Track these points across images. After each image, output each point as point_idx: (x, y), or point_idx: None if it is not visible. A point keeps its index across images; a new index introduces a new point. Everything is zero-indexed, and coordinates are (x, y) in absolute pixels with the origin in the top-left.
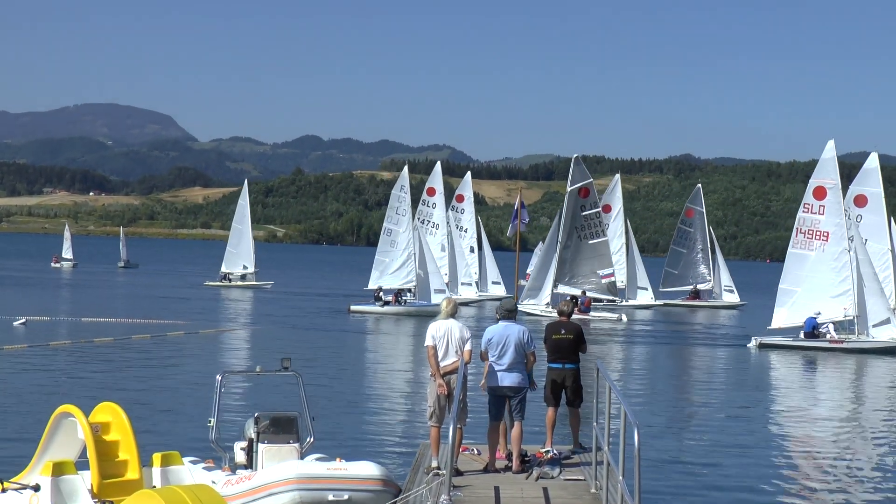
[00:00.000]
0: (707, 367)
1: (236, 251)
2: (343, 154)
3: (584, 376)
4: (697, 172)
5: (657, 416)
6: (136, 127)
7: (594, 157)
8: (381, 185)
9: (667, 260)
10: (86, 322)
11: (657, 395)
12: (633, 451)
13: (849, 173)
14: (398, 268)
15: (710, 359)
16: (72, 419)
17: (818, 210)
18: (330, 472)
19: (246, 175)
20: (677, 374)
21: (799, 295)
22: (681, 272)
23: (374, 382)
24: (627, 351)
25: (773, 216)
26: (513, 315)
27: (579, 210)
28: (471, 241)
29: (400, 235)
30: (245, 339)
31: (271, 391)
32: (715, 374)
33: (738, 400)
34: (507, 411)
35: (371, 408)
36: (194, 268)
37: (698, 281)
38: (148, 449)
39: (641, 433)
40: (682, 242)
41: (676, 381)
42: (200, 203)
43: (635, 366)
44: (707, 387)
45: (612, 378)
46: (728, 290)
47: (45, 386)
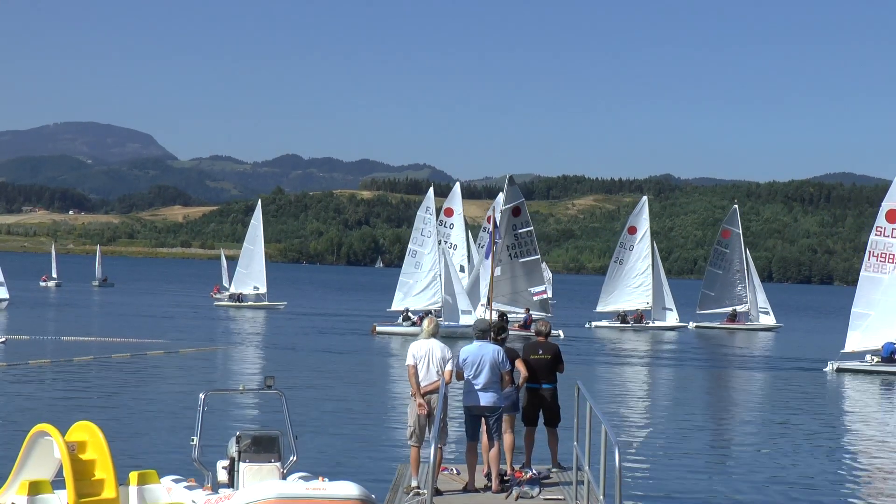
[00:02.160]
0: (788, 391)
1: (247, 271)
2: (323, 173)
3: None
4: (677, 192)
5: (743, 445)
6: (117, 145)
7: (574, 176)
8: (361, 205)
9: (703, 282)
10: (69, 341)
11: (749, 422)
12: (613, 471)
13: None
14: (423, 289)
15: (787, 382)
16: (48, 438)
17: (891, 233)
18: (309, 491)
19: (226, 194)
20: (757, 399)
21: (872, 318)
22: (717, 294)
23: (362, 401)
24: (680, 373)
25: (753, 236)
26: (487, 335)
27: (511, 229)
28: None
29: (425, 257)
30: (272, 358)
31: (256, 410)
32: (804, 400)
33: (822, 425)
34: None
35: (356, 427)
36: (175, 286)
37: (735, 302)
38: (131, 467)
39: (621, 454)
40: (719, 263)
41: (755, 406)
42: (180, 222)
43: (705, 392)
44: (791, 411)
45: (591, 397)
46: (763, 311)
47: (22, 405)
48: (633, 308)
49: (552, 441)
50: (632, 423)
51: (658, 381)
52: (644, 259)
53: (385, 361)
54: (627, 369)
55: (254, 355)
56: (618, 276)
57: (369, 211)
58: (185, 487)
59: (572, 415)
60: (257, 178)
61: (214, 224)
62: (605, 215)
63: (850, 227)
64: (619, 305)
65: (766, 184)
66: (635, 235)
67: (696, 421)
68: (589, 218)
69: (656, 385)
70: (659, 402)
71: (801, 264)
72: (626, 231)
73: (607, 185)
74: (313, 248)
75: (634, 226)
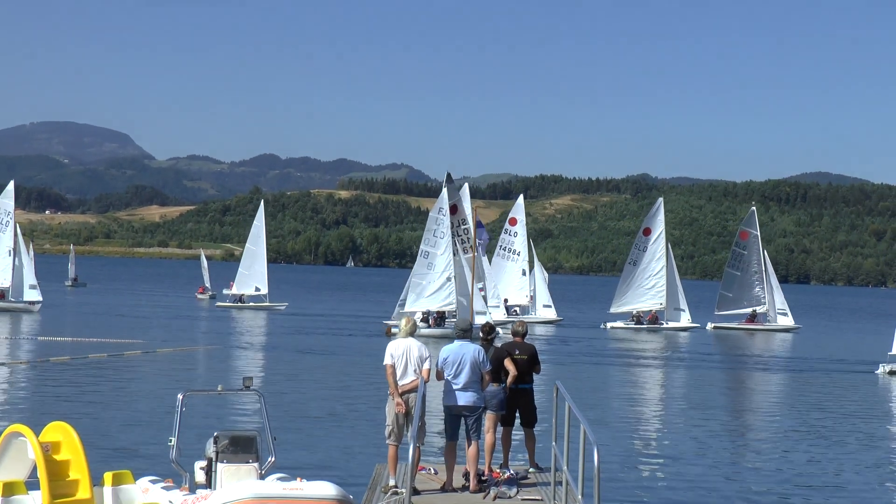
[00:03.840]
0: (841, 394)
1: (249, 272)
2: (301, 173)
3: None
4: (655, 192)
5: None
6: (93, 145)
7: (552, 176)
8: (338, 204)
9: (721, 283)
10: (44, 341)
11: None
12: (592, 471)
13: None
14: (436, 290)
15: (839, 385)
16: (22, 439)
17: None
18: (286, 491)
19: (203, 194)
20: (814, 403)
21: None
22: (736, 295)
23: (341, 401)
24: (706, 376)
25: (730, 235)
26: (468, 334)
27: (450, 227)
28: (523, 263)
29: (438, 258)
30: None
31: (235, 410)
32: (859, 403)
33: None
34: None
35: (335, 427)
36: (151, 286)
37: (754, 303)
38: (107, 468)
39: (602, 454)
40: (737, 265)
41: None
42: (158, 222)
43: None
44: (842, 414)
45: (570, 397)
46: (781, 312)
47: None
48: (647, 309)
49: (529, 441)
50: (626, 424)
51: (672, 383)
52: (658, 260)
53: (364, 361)
54: (641, 371)
55: (235, 356)
56: (632, 277)
57: (347, 211)
58: (163, 488)
59: (551, 415)
60: (235, 178)
61: (192, 224)
62: (582, 215)
63: (826, 226)
64: (633, 306)
65: (743, 183)
66: (650, 237)
67: (712, 425)
68: (566, 217)
69: (669, 387)
70: (666, 404)
71: (777, 264)
72: (640, 232)
73: (585, 184)
74: (291, 247)
75: (649, 227)
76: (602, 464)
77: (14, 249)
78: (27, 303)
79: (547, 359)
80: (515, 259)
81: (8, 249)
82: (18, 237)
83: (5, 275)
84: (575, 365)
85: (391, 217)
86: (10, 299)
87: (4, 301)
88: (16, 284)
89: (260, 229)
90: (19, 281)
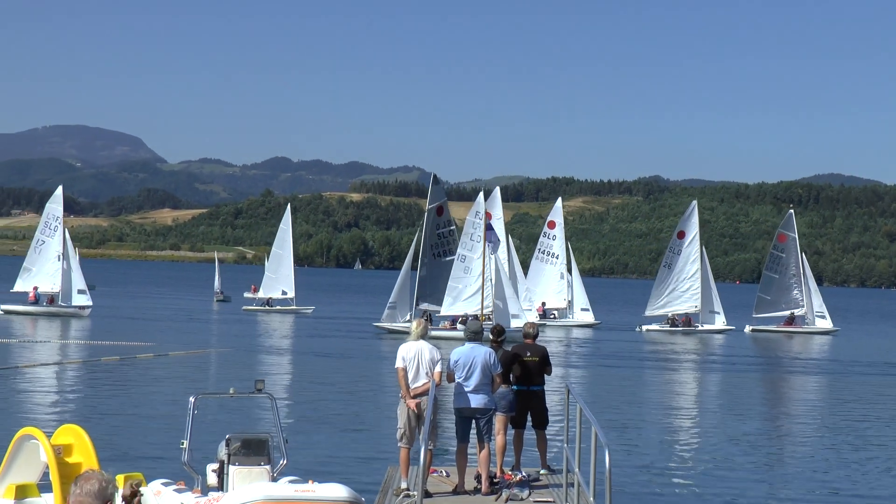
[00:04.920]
0: (881, 397)
1: (275, 276)
2: (313, 176)
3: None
4: (667, 194)
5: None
6: (106, 149)
7: (564, 178)
8: (350, 207)
9: (759, 286)
10: (58, 344)
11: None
12: (604, 473)
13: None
14: (473, 294)
15: (879, 388)
16: (34, 441)
17: None
18: (298, 493)
19: (215, 197)
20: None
21: None
22: (774, 297)
23: (353, 404)
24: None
25: (742, 238)
26: (479, 337)
27: (434, 228)
28: (561, 267)
29: (474, 262)
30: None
31: (247, 413)
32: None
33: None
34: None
35: (347, 429)
36: (165, 289)
37: (792, 306)
38: (119, 471)
39: (618, 457)
40: (775, 268)
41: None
42: (170, 225)
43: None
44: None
45: (581, 399)
46: (820, 315)
47: (8, 408)
48: (682, 312)
49: (541, 443)
50: (649, 426)
51: (703, 386)
52: (692, 263)
53: (377, 364)
54: (674, 374)
55: (250, 359)
56: (667, 280)
57: (359, 213)
58: (175, 490)
59: (564, 417)
60: (246, 181)
61: (204, 227)
62: (594, 217)
63: (839, 228)
64: (668, 309)
65: (756, 185)
66: (684, 240)
67: (739, 428)
68: (578, 220)
69: (700, 390)
70: (693, 408)
71: None
72: (675, 236)
73: (596, 186)
74: (303, 250)
75: (683, 230)
76: (616, 466)
77: (63, 254)
78: (77, 307)
79: (584, 363)
80: (554, 262)
81: (57, 254)
82: (67, 242)
83: (55, 279)
84: (609, 368)
85: (403, 220)
86: (59, 304)
87: (54, 306)
88: (65, 289)
89: (286, 233)
90: (68, 285)
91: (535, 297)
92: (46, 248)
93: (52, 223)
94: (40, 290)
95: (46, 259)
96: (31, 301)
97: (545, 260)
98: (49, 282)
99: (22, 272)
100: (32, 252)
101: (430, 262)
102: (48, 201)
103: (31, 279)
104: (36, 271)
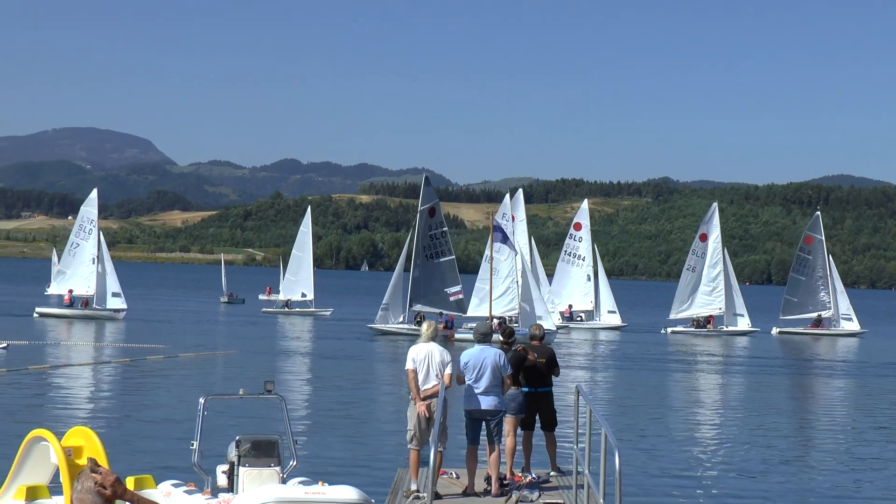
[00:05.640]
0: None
1: (295, 278)
2: (322, 178)
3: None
4: (676, 195)
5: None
6: (115, 151)
7: (573, 179)
8: (359, 209)
9: (786, 288)
10: (68, 346)
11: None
12: (614, 475)
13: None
14: (500, 295)
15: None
16: (44, 443)
17: None
18: (308, 495)
19: (224, 199)
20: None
21: None
22: (801, 299)
23: (363, 405)
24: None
25: (752, 239)
26: (488, 338)
27: (427, 230)
28: (587, 269)
29: (502, 263)
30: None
31: (256, 414)
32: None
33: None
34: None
35: (356, 431)
36: (174, 291)
37: (819, 308)
38: (129, 473)
39: (631, 459)
40: (801, 270)
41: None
42: (179, 227)
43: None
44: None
45: (590, 400)
46: (846, 317)
47: (19, 410)
48: (707, 314)
49: (550, 445)
50: (666, 428)
51: (724, 388)
52: (716, 265)
53: (386, 365)
54: (697, 375)
55: (260, 360)
56: (691, 283)
57: (368, 215)
58: (185, 492)
59: (573, 418)
60: (256, 183)
61: (213, 229)
62: (603, 218)
63: (848, 229)
64: (692, 311)
65: (765, 186)
66: (706, 242)
67: (757, 430)
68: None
69: (720, 391)
70: (711, 409)
71: None
72: (697, 238)
73: (606, 188)
74: (312, 252)
75: (706, 233)
76: (627, 468)
77: (97, 257)
78: (112, 310)
79: (612, 364)
80: (580, 264)
81: (92, 257)
82: (102, 245)
83: (90, 282)
84: (633, 370)
85: (412, 221)
86: (94, 307)
87: (89, 308)
88: (100, 292)
89: (306, 235)
90: (103, 288)
91: (561, 299)
92: (81, 250)
93: (87, 226)
94: (75, 294)
95: (81, 262)
96: (67, 304)
97: (571, 262)
98: (83, 285)
99: (56, 275)
100: (67, 255)
101: (422, 264)
102: (83, 204)
103: (65, 282)
104: (70, 274)
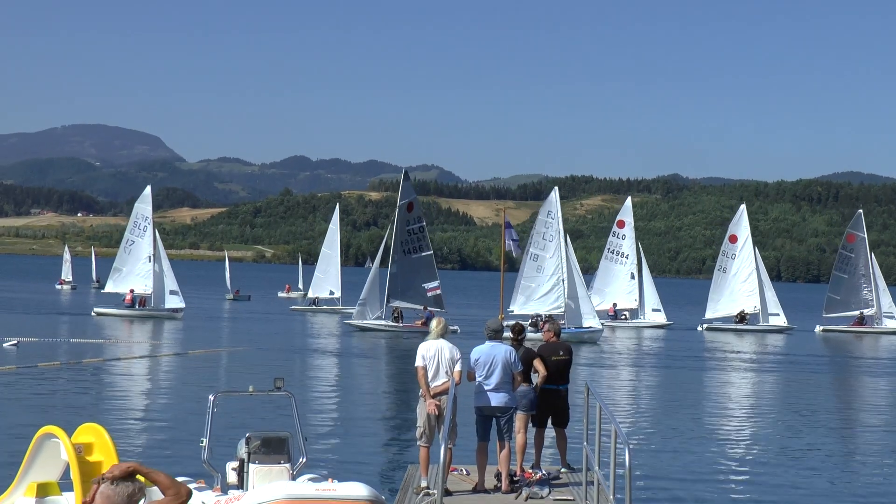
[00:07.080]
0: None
1: (324, 276)
2: (331, 174)
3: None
4: (685, 192)
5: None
6: (125, 148)
7: (583, 176)
8: (369, 206)
9: (829, 285)
10: (78, 342)
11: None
12: (624, 471)
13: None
14: (546, 293)
15: None
16: (55, 440)
17: None
18: (318, 492)
19: (234, 196)
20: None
21: None
22: (843, 297)
23: (372, 402)
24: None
25: (761, 236)
26: (499, 335)
27: (405, 224)
28: (631, 267)
29: (547, 261)
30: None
31: (266, 411)
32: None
33: None
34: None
35: (366, 428)
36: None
37: (862, 306)
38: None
39: (643, 456)
40: (844, 268)
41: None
42: (189, 224)
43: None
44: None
45: (600, 398)
46: (888, 315)
47: (30, 407)
48: (740, 311)
49: (561, 442)
50: (683, 425)
51: (757, 386)
52: (748, 266)
53: (395, 362)
54: (730, 373)
55: (269, 357)
56: (722, 284)
57: (377, 212)
58: (195, 489)
59: (583, 415)
60: (265, 180)
61: (223, 226)
62: (613, 215)
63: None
64: (727, 310)
65: (775, 183)
66: (736, 244)
67: (779, 429)
68: (597, 218)
69: (752, 389)
70: (736, 407)
71: (809, 263)
72: (726, 240)
73: (615, 184)
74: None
75: (735, 234)
76: (637, 464)
77: (154, 255)
78: (170, 310)
79: (655, 362)
80: (624, 262)
81: (148, 255)
82: (158, 242)
83: (146, 281)
84: (671, 369)
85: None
86: (150, 306)
87: (146, 308)
88: (157, 291)
89: (335, 233)
90: (160, 287)
91: (605, 297)
92: (136, 248)
93: (142, 223)
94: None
95: (137, 259)
96: (128, 304)
97: (615, 260)
98: (140, 283)
99: (112, 272)
100: (122, 252)
101: (400, 259)
102: (137, 201)
103: (121, 280)
104: (126, 272)
